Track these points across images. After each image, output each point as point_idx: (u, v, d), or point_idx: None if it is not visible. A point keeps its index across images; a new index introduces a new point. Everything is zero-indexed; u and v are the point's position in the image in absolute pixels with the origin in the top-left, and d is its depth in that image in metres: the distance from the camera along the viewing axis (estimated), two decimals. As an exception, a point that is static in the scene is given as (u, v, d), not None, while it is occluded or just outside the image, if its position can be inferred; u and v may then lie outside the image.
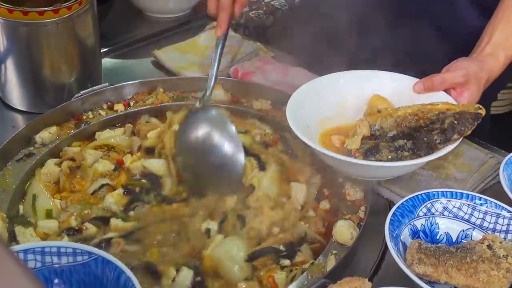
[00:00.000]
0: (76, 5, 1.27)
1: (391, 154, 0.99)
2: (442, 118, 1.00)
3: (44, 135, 1.19)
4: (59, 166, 1.13)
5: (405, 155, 0.99)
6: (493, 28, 1.13)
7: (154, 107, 1.31)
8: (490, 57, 1.11)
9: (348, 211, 1.04)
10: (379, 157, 0.99)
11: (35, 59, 1.29)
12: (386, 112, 1.05)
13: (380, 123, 1.03)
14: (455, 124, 0.99)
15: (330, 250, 0.96)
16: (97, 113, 1.28)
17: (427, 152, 0.99)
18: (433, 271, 0.89)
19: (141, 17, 1.78)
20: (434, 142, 0.99)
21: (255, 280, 0.94)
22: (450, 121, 0.99)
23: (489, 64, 1.10)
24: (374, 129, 1.03)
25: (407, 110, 1.03)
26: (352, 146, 1.02)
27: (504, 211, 0.98)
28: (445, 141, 0.99)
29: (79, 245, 0.83)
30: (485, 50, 1.12)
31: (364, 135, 1.03)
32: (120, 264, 0.79)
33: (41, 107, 1.30)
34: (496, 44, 1.12)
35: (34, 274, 0.48)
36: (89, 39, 1.35)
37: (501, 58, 1.11)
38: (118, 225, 1.04)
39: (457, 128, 0.99)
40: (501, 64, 1.12)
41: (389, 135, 1.02)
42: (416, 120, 1.02)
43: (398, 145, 1.00)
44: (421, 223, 0.98)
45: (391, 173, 1.06)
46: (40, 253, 0.80)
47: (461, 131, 0.99)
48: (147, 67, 1.55)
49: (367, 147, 1.01)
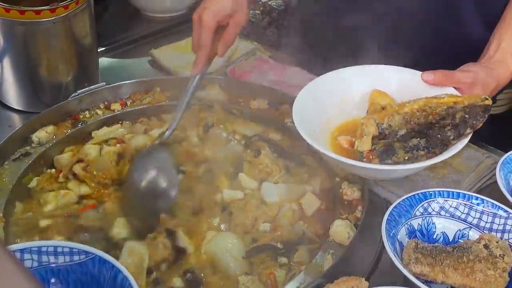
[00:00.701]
0: (73, 4, 1.26)
1: (408, 155, 0.97)
2: (452, 113, 0.98)
3: (40, 135, 1.19)
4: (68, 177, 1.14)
5: (421, 154, 0.97)
6: (501, 34, 1.13)
7: (151, 107, 1.31)
8: (499, 65, 1.10)
9: (345, 210, 1.04)
10: (395, 159, 0.97)
11: (31, 59, 1.29)
12: (392, 109, 1.02)
13: (388, 121, 1.01)
14: (467, 118, 0.97)
15: (327, 250, 0.96)
16: (94, 112, 1.28)
17: (442, 149, 0.97)
18: (430, 271, 0.89)
19: (138, 16, 1.78)
20: (448, 138, 0.97)
21: (256, 275, 0.95)
22: (461, 115, 0.97)
23: (498, 71, 1.09)
24: (382, 128, 1.01)
25: (413, 106, 1.01)
26: (363, 147, 1.00)
27: (500, 210, 0.98)
28: (458, 137, 0.97)
29: (76, 244, 0.83)
30: (494, 57, 1.11)
31: (373, 135, 1.01)
32: (117, 264, 0.79)
33: (38, 107, 1.30)
34: (505, 51, 1.11)
35: (32, 274, 0.48)
36: (86, 39, 1.35)
37: (510, 65, 1.11)
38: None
39: (469, 122, 0.97)
40: (510, 72, 1.11)
41: (400, 134, 1.00)
42: (425, 116, 0.99)
43: (413, 145, 0.97)
44: (418, 222, 0.98)
45: (408, 173, 1.04)
46: (36, 253, 0.80)
47: (473, 125, 0.97)
48: (144, 67, 1.55)
49: (382, 149, 0.98)
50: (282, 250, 0.99)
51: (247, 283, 0.93)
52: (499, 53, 1.11)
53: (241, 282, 0.93)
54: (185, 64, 1.50)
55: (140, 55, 1.59)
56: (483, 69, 1.09)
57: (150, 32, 1.69)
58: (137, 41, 1.66)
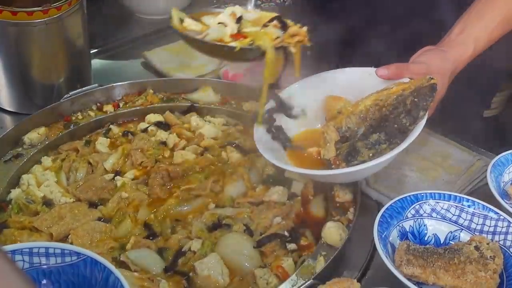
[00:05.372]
0: (65, 6, 1.26)
1: (371, 151, 0.98)
2: (402, 100, 0.98)
3: (32, 136, 1.18)
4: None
5: (383, 147, 0.98)
6: (468, 19, 1.13)
7: (144, 108, 1.31)
8: (458, 46, 1.10)
9: (337, 212, 1.04)
10: (361, 158, 0.98)
11: (24, 60, 1.28)
12: (347, 111, 1.03)
13: (346, 124, 1.02)
14: (417, 101, 0.97)
15: (319, 251, 0.96)
16: (86, 114, 1.28)
17: (402, 137, 0.97)
18: (421, 272, 0.89)
19: (131, 18, 1.78)
20: (405, 125, 0.97)
21: (268, 267, 0.96)
22: (410, 100, 0.98)
23: (453, 54, 1.09)
24: (342, 132, 1.02)
25: (366, 102, 1.01)
26: (329, 155, 1.01)
27: (491, 212, 0.98)
28: (414, 121, 0.97)
29: (68, 245, 0.82)
30: (455, 40, 1.11)
31: (336, 140, 1.02)
32: (109, 265, 0.78)
33: (30, 108, 1.30)
34: (468, 35, 1.11)
35: (25, 273, 0.47)
36: (79, 40, 1.35)
37: (470, 49, 1.10)
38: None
39: (420, 104, 0.97)
40: (469, 55, 1.11)
41: (359, 133, 1.01)
42: (378, 110, 1.00)
43: (374, 140, 0.98)
44: (409, 224, 0.99)
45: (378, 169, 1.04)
46: (28, 254, 0.79)
47: (424, 106, 0.97)
48: (137, 68, 1.55)
49: (346, 152, 1.00)
50: (289, 238, 1.01)
51: (265, 276, 0.94)
52: (461, 36, 1.11)
53: (258, 275, 0.94)
54: (177, 66, 1.50)
55: (133, 56, 1.59)
56: (437, 54, 1.08)
57: (143, 34, 1.69)
58: (130, 43, 1.66)
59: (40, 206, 1.07)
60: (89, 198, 1.09)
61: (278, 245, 1.00)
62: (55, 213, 1.04)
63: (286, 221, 1.04)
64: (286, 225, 1.03)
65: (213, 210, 1.07)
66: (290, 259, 0.97)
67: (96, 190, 1.10)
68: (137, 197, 1.08)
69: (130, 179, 1.13)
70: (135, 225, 1.04)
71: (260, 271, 0.95)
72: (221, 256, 0.96)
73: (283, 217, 1.05)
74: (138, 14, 1.78)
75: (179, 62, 1.51)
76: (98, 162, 1.16)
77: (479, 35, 1.11)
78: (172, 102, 1.33)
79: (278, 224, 1.03)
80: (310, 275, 0.92)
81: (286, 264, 0.96)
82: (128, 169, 1.16)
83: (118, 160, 1.18)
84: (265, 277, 0.94)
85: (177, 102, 1.33)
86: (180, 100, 1.34)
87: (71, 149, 1.20)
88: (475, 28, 1.12)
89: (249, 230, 1.03)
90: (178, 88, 1.36)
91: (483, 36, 1.11)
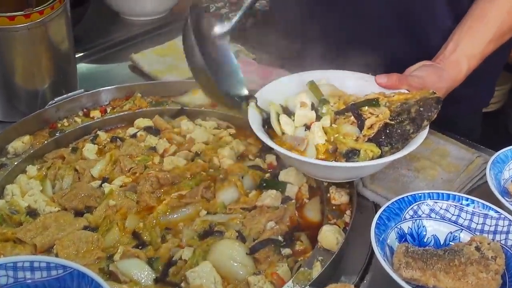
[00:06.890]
0: (48, 9, 1.23)
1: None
2: (407, 108, 0.99)
3: (16, 145, 1.15)
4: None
5: (385, 150, 0.98)
6: (460, 36, 1.14)
7: (132, 113, 1.28)
8: (453, 66, 1.12)
9: (333, 215, 1.02)
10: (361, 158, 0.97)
11: (6, 66, 1.25)
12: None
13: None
14: (422, 111, 0.99)
15: (316, 256, 0.94)
16: (72, 120, 1.25)
17: (404, 143, 0.98)
18: (421, 275, 0.87)
19: (117, 20, 1.76)
20: (408, 132, 0.98)
21: (263, 274, 0.93)
22: (415, 109, 0.99)
23: (450, 74, 1.11)
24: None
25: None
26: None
27: (491, 211, 0.96)
28: (417, 130, 0.99)
29: (53, 258, 0.80)
30: (450, 58, 1.13)
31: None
32: (97, 278, 0.76)
33: (14, 116, 1.27)
34: (462, 54, 1.13)
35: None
36: (63, 44, 1.32)
37: (464, 68, 1.13)
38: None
39: (424, 114, 0.99)
40: (463, 75, 1.13)
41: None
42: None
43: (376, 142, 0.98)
44: (408, 226, 0.97)
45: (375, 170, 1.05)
46: (12, 269, 0.77)
47: (428, 116, 0.99)
48: (124, 72, 1.52)
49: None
50: (284, 243, 0.99)
51: (259, 283, 0.91)
52: (455, 54, 1.13)
53: (253, 283, 0.91)
54: (166, 68, 1.48)
55: (120, 60, 1.57)
56: (435, 71, 1.10)
57: (130, 36, 1.67)
58: (116, 45, 1.64)
59: (24, 216, 1.03)
60: (75, 207, 1.05)
61: (272, 251, 0.97)
62: (39, 223, 1.00)
63: (280, 226, 1.01)
64: (280, 229, 1.01)
65: (204, 217, 1.04)
66: (285, 265, 0.94)
67: (83, 198, 1.06)
68: (126, 205, 1.05)
69: (118, 186, 1.10)
70: (123, 234, 1.01)
71: (254, 279, 0.92)
72: (213, 264, 0.93)
73: (276, 222, 1.02)
74: (125, 16, 1.76)
75: (168, 64, 1.49)
76: (85, 169, 1.13)
77: (472, 53, 1.14)
78: (161, 106, 1.30)
79: (271, 229, 1.00)
80: (306, 281, 0.89)
81: (281, 270, 0.93)
82: (117, 176, 1.12)
83: (106, 166, 1.14)
84: (259, 284, 0.91)
85: (166, 105, 1.30)
86: (169, 103, 1.31)
87: (57, 157, 1.17)
88: (467, 46, 1.14)
89: (242, 236, 1.00)
90: (167, 91, 1.33)
91: (476, 54, 1.14)
